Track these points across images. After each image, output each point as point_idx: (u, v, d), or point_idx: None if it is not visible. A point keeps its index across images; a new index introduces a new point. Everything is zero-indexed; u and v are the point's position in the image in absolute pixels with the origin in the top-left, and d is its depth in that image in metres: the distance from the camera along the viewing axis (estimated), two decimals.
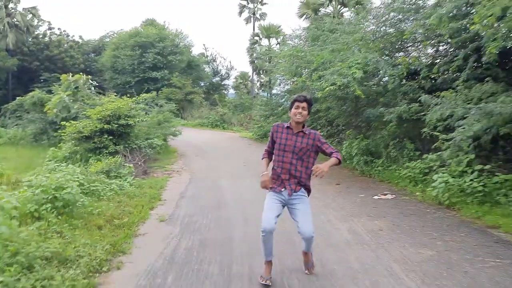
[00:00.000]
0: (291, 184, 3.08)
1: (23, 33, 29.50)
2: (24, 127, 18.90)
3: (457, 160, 5.78)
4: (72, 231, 3.95)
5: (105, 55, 33.90)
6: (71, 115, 15.11)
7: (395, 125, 7.49)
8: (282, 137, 3.15)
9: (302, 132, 3.12)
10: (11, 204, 3.30)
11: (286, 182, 3.09)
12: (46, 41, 33.54)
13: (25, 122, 18.76)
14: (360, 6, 21.48)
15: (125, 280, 3.24)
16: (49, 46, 33.14)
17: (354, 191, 6.75)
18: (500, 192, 5.24)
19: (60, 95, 15.82)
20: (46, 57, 32.79)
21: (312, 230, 3.03)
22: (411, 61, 7.54)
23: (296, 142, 3.09)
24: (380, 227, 4.63)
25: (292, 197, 3.07)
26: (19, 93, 31.87)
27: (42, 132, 17.94)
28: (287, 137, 3.12)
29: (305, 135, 3.11)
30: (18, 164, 11.89)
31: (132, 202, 5.64)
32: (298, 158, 3.09)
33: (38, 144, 17.22)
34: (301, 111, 3.06)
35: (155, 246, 4.05)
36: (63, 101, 15.56)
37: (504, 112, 4.87)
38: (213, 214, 5.37)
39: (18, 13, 28.80)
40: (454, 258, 3.66)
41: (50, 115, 15.91)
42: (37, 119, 17.79)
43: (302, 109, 3.06)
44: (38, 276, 2.83)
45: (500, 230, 4.45)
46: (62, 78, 17.27)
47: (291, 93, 12.45)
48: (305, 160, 3.10)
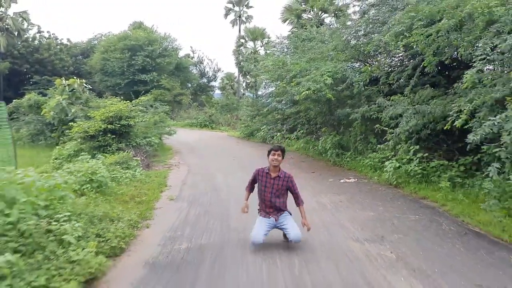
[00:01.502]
0: (275, 214, 4.17)
1: (14, 37, 30.12)
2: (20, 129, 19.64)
3: (405, 150, 7.34)
4: (108, 203, 5.26)
5: (94, 58, 34.65)
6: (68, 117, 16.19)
7: (360, 123, 9.00)
8: (262, 181, 4.21)
9: (278, 177, 4.17)
10: (71, 181, 4.60)
11: (271, 213, 4.19)
12: (36, 44, 34.12)
13: (22, 124, 19.55)
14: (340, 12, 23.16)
15: (155, 233, 4.59)
16: (39, 49, 33.73)
17: (326, 177, 8.22)
18: (435, 174, 6.79)
19: (57, 99, 16.82)
20: (36, 60, 33.37)
21: (300, 236, 4.00)
22: (372, 69, 9.06)
23: (273, 185, 4.17)
24: (340, 200, 6.11)
25: (278, 220, 4.18)
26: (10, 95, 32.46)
27: (39, 133, 18.84)
28: (267, 181, 4.19)
29: (280, 178, 4.17)
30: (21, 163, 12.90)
31: (145, 187, 6.96)
32: (276, 196, 4.17)
33: (35, 144, 18.01)
34: (277, 157, 4.18)
35: (171, 214, 5.40)
36: (60, 104, 16.55)
37: (434, 112, 6.41)
38: (211, 195, 6.73)
39: (9, 17, 29.40)
40: (388, 216, 5.15)
41: (48, 117, 16.84)
42: (34, 120, 18.64)
43: (277, 156, 4.18)
44: (98, 227, 4.14)
45: (427, 200, 5.98)
46: (57, 83, 18.21)
47: (275, 96, 13.92)
48: (281, 196, 4.20)
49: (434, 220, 4.97)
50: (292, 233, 4.04)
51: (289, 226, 4.12)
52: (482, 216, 4.78)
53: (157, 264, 3.72)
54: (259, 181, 4.28)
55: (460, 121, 4.93)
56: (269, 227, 4.17)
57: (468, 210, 5.11)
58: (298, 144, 13.15)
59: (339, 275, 3.38)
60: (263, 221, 4.19)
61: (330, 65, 8.94)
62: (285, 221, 4.18)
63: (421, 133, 7.07)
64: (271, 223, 4.19)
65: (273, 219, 4.18)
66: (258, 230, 4.08)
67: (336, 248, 4.05)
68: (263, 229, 4.10)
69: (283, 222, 4.18)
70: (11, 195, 3.50)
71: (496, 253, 3.84)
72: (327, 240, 4.30)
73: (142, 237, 4.47)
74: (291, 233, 4.05)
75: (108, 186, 5.82)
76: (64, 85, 17.64)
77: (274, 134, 15.26)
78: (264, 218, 4.22)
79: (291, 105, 13.03)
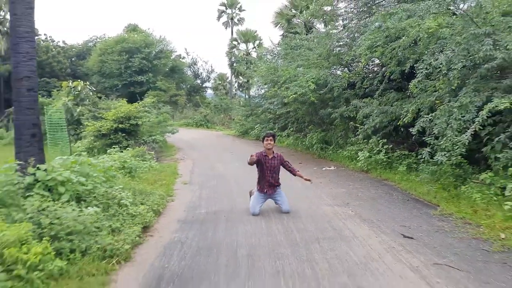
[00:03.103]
0: (271, 189, 5.63)
1: None
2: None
3: (376, 142, 8.98)
4: (140, 184, 6.76)
5: (91, 60, 35.76)
6: (74, 118, 17.53)
7: (339, 121, 10.62)
8: (266, 162, 5.63)
9: (274, 157, 5.68)
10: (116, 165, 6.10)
11: (268, 189, 5.62)
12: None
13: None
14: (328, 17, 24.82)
15: (179, 204, 6.12)
16: (37, 51, 34.69)
17: (311, 166, 9.83)
18: (397, 162, 8.43)
19: (63, 100, 18.13)
20: None
21: (289, 208, 5.41)
22: (350, 75, 10.70)
23: (271, 164, 5.66)
24: (320, 182, 7.71)
25: (273, 194, 5.65)
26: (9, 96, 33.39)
27: (44, 133, 20.09)
28: (266, 161, 5.67)
29: (275, 158, 5.67)
30: None
31: (162, 174, 8.46)
32: (273, 172, 5.65)
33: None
34: (270, 142, 5.61)
35: (187, 193, 6.93)
36: (66, 105, 17.85)
37: (395, 111, 8.05)
38: (217, 180, 8.27)
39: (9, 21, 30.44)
40: (355, 191, 6.77)
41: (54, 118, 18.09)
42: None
43: (270, 140, 5.60)
44: (141, 197, 5.66)
45: (388, 181, 7.62)
46: (63, 85, 19.51)
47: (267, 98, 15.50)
48: (277, 172, 5.69)
49: (388, 193, 6.61)
50: (283, 206, 5.57)
51: (281, 200, 5.63)
52: (422, 189, 6.42)
53: (186, 221, 5.25)
54: (263, 162, 5.64)
55: (407, 118, 6.57)
56: (262, 201, 5.65)
57: (415, 186, 6.75)
58: (288, 140, 14.76)
59: (314, 224, 4.96)
60: (258, 196, 5.65)
61: (314, 72, 10.54)
62: (278, 196, 5.69)
63: (386, 129, 8.73)
64: (265, 197, 5.68)
65: (266, 194, 5.66)
66: (254, 204, 5.55)
67: (314, 210, 5.64)
68: (258, 203, 5.58)
69: (277, 197, 5.69)
70: (86, 171, 5.01)
71: (423, 210, 5.47)
72: (308, 206, 5.89)
73: (171, 207, 6.01)
74: (283, 206, 5.57)
75: (136, 172, 7.33)
76: (70, 87, 18.94)
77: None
78: (260, 193, 5.70)
79: (282, 106, 14.60)
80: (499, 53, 5.69)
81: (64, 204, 4.10)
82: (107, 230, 4.16)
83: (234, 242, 4.34)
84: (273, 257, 3.85)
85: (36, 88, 4.61)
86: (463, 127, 5.64)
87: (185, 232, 4.75)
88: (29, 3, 4.40)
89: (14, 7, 4.32)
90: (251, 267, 3.61)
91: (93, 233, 3.93)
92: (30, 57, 4.42)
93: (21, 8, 4.33)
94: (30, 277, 3.05)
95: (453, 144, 5.52)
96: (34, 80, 4.51)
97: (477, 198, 5.33)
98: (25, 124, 4.45)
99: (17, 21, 4.35)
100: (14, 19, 4.35)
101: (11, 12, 4.36)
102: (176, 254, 4.01)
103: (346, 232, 4.58)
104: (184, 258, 3.89)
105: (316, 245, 4.17)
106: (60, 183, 4.41)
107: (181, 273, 3.54)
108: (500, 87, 5.91)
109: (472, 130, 5.43)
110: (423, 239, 4.29)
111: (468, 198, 5.52)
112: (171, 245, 4.27)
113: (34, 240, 3.39)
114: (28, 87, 4.42)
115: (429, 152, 5.89)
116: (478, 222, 4.70)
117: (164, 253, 4.03)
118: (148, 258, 3.89)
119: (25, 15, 4.36)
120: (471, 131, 5.43)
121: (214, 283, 3.31)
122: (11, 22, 4.42)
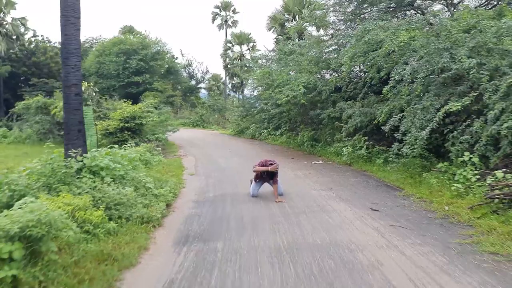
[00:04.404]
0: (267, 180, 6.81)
1: (13, 41, 31.86)
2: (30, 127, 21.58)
3: (358, 140, 10.25)
4: (155, 173, 7.92)
5: (88, 61, 36.62)
6: None
7: (327, 121, 11.89)
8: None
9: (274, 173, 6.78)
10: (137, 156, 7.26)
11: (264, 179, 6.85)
12: (32, 48, 35.84)
13: (32, 123, 21.58)
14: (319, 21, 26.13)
15: (191, 190, 7.29)
16: (36, 53, 35.47)
17: (301, 161, 11.07)
18: (376, 156, 9.70)
19: None
20: (33, 63, 35.07)
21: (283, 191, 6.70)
22: (336, 80, 11.97)
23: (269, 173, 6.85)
24: (309, 172, 8.94)
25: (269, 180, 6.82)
26: (8, 97, 34.15)
27: (47, 132, 20.99)
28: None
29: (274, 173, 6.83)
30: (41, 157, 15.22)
31: (170, 167, 9.62)
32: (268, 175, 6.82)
33: (43, 142, 20.08)
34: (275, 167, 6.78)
35: (195, 182, 8.11)
36: None
37: (374, 113, 9.32)
38: (219, 172, 9.45)
39: (9, 24, 31.17)
40: (337, 180, 8.02)
41: (59, 117, 19.05)
42: (43, 120, 20.69)
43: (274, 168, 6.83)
44: (159, 183, 6.82)
45: (367, 172, 8.89)
46: None
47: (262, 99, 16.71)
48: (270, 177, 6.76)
49: (366, 180, 7.88)
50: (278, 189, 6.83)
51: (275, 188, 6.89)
52: (393, 177, 7.69)
53: (199, 201, 6.44)
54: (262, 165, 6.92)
55: (381, 118, 7.84)
56: (260, 184, 6.88)
57: (388, 175, 8.02)
58: (281, 139, 16.00)
59: (303, 202, 6.18)
60: (255, 183, 6.91)
61: (304, 77, 11.79)
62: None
63: (367, 127, 10.00)
64: (261, 182, 6.93)
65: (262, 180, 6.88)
66: (253, 188, 6.81)
67: (303, 193, 6.87)
68: (256, 187, 6.83)
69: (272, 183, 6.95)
70: (118, 160, 6.16)
71: (391, 192, 6.75)
72: (298, 190, 7.11)
73: (183, 192, 7.18)
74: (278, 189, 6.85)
75: (151, 163, 8.48)
76: None
77: (261, 131, 18.06)
78: (258, 182, 6.95)
79: (276, 107, 15.83)
80: (454, 65, 6.99)
81: (108, 184, 5.26)
82: (141, 204, 5.33)
83: (240, 214, 5.55)
84: (270, 222, 5.07)
85: (81, 93, 5.74)
86: (424, 125, 6.92)
87: (199, 208, 5.94)
88: (76, 25, 5.54)
89: (65, 29, 5.45)
90: (255, 228, 4.82)
91: (132, 205, 5.10)
92: (77, 69, 5.55)
93: (71, 30, 5.47)
94: (95, 232, 4.22)
95: (415, 138, 6.79)
96: (79, 87, 5.64)
97: (434, 183, 6.60)
98: (73, 122, 5.59)
99: (67, 40, 5.49)
100: (65, 38, 5.48)
101: (62, 32, 5.48)
102: (195, 222, 5.21)
103: (327, 207, 5.82)
104: (202, 225, 5.08)
105: (303, 215, 5.40)
106: (101, 168, 5.57)
107: (202, 233, 4.73)
108: (456, 92, 7.20)
109: (430, 128, 6.71)
110: (386, 211, 5.54)
111: (427, 183, 6.79)
112: (190, 217, 5.46)
113: (93, 208, 4.55)
114: (75, 92, 5.56)
115: (398, 146, 7.16)
116: (431, 200, 5.97)
117: (186, 222, 5.22)
118: (175, 225, 5.08)
119: (73, 35, 5.51)
120: (430, 128, 6.71)
121: (229, 237, 4.51)
122: (62, 41, 5.55)
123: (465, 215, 5.06)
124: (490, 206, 5.05)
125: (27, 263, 3.15)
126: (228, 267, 3.68)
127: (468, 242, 4.17)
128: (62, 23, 5.46)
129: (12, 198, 4.43)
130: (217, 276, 3.49)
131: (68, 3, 5.42)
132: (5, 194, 4.49)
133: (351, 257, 3.85)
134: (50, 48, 37.37)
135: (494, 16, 8.92)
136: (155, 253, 4.08)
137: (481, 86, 6.68)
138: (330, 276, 3.43)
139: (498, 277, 3.35)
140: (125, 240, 4.21)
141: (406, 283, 3.28)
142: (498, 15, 9.08)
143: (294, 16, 31.15)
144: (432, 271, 3.50)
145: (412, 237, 4.40)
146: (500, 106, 6.20)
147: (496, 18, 8.66)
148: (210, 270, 3.62)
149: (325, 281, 3.33)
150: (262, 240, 4.40)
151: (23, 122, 22.75)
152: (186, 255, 4.01)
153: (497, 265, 3.59)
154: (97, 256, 3.69)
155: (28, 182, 4.83)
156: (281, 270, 3.57)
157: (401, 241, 4.30)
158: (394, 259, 3.80)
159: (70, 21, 5.41)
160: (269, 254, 3.96)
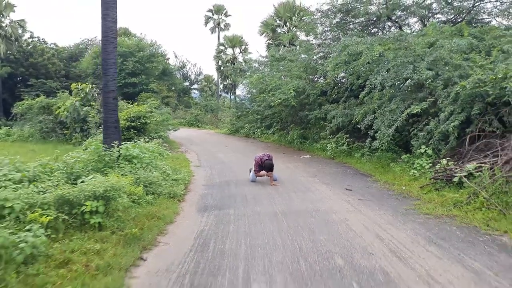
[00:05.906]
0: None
1: (12, 43, 32.78)
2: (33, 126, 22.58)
3: (341, 137, 11.87)
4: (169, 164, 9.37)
5: (85, 62, 37.64)
6: (80, 116, 19.76)
7: (314, 121, 13.49)
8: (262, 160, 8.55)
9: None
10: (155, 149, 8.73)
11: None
12: (30, 50, 36.72)
13: (35, 123, 22.63)
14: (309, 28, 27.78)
15: (199, 177, 8.78)
16: (33, 54, 36.36)
17: (292, 155, 12.64)
18: (356, 151, 11.32)
19: (71, 100, 20.32)
20: (30, 64, 35.96)
21: (277, 177, 8.29)
22: (323, 85, 13.58)
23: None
24: (298, 165, 10.51)
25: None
26: (6, 97, 34.99)
27: (50, 131, 22.13)
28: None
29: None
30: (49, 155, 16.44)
31: (178, 160, 11.08)
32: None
33: (46, 140, 21.13)
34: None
35: (202, 172, 9.59)
36: (74, 105, 20.05)
37: (352, 114, 10.94)
38: (220, 164, 10.94)
39: (8, 26, 32.11)
40: (322, 170, 9.60)
41: (62, 116, 20.24)
42: (46, 120, 21.78)
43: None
44: (174, 173, 8.29)
45: (347, 164, 10.50)
46: (72, 87, 21.63)
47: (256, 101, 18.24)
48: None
49: (345, 170, 9.49)
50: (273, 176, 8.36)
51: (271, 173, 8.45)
52: (367, 167, 9.31)
53: (208, 185, 7.93)
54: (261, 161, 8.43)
55: (358, 119, 9.45)
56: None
57: (363, 165, 9.63)
58: (273, 137, 17.56)
59: (292, 185, 7.73)
60: (254, 172, 8.44)
61: (294, 82, 13.37)
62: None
63: (348, 127, 11.63)
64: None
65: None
66: (253, 175, 8.34)
67: (293, 179, 8.42)
68: (255, 175, 8.37)
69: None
70: (144, 151, 7.62)
71: (363, 178, 8.36)
72: (289, 177, 8.66)
73: (194, 179, 8.67)
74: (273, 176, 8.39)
75: (164, 156, 9.95)
76: (78, 88, 21.11)
77: (255, 130, 19.60)
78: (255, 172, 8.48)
79: (268, 108, 17.38)
80: (416, 75, 8.63)
81: (141, 168, 6.73)
82: (166, 185, 6.81)
83: (243, 193, 7.08)
84: (268, 198, 6.61)
85: (117, 98, 7.19)
86: (391, 124, 8.55)
87: (210, 190, 7.45)
88: (114, 44, 6.98)
89: (106, 47, 6.89)
90: (256, 201, 6.36)
91: (161, 185, 6.58)
92: (114, 78, 6.99)
93: (110, 47, 6.92)
94: (139, 201, 5.69)
95: (383, 135, 8.42)
96: (115, 93, 7.08)
97: (398, 170, 8.23)
98: (110, 120, 7.03)
99: (107, 55, 6.93)
100: (105, 54, 6.93)
101: (103, 49, 6.92)
102: (209, 198, 6.71)
103: (312, 188, 7.39)
104: (215, 200, 6.59)
105: (293, 193, 6.95)
106: (133, 157, 7.03)
107: (216, 205, 6.25)
108: (417, 98, 8.85)
109: (395, 126, 8.34)
110: (357, 190, 7.13)
111: (393, 171, 8.41)
112: (204, 195, 6.96)
113: (135, 184, 6.02)
114: (113, 97, 7.00)
115: (370, 141, 8.78)
116: (393, 183, 7.58)
117: (202, 198, 6.73)
118: (194, 200, 6.58)
119: (111, 52, 6.95)
120: (395, 126, 8.34)
121: (237, 207, 6.04)
122: (103, 56, 6.99)
123: (415, 192, 6.68)
124: (434, 185, 6.67)
125: (105, 216, 4.62)
126: (240, 223, 5.20)
127: (412, 208, 5.77)
128: (103, 41, 6.91)
129: (69, 179, 5.87)
130: (233, 228, 5.01)
131: (108, 26, 6.87)
132: (64, 176, 5.93)
133: (327, 217, 5.41)
134: (47, 50, 38.30)
135: (456, 33, 10.67)
136: (185, 216, 5.58)
137: (436, 93, 8.35)
138: (312, 226, 4.98)
139: (425, 226, 4.94)
140: (162, 207, 5.70)
141: (362, 229, 4.85)
142: (459, 31, 10.81)
143: (285, 22, 32.79)
144: (381, 223, 5.08)
145: (373, 206, 5.99)
146: (449, 109, 7.86)
147: (457, 35, 10.40)
148: (227, 224, 5.14)
149: (307, 228, 4.87)
150: (262, 208, 5.93)
151: (26, 121, 23.82)
152: (208, 217, 5.52)
153: (426, 220, 5.18)
154: (147, 215, 5.17)
155: (80, 166, 6.28)
156: (277, 224, 5.11)
157: (365, 208, 5.88)
158: (357, 217, 5.37)
159: (110, 40, 6.86)
160: (268, 216, 5.49)
